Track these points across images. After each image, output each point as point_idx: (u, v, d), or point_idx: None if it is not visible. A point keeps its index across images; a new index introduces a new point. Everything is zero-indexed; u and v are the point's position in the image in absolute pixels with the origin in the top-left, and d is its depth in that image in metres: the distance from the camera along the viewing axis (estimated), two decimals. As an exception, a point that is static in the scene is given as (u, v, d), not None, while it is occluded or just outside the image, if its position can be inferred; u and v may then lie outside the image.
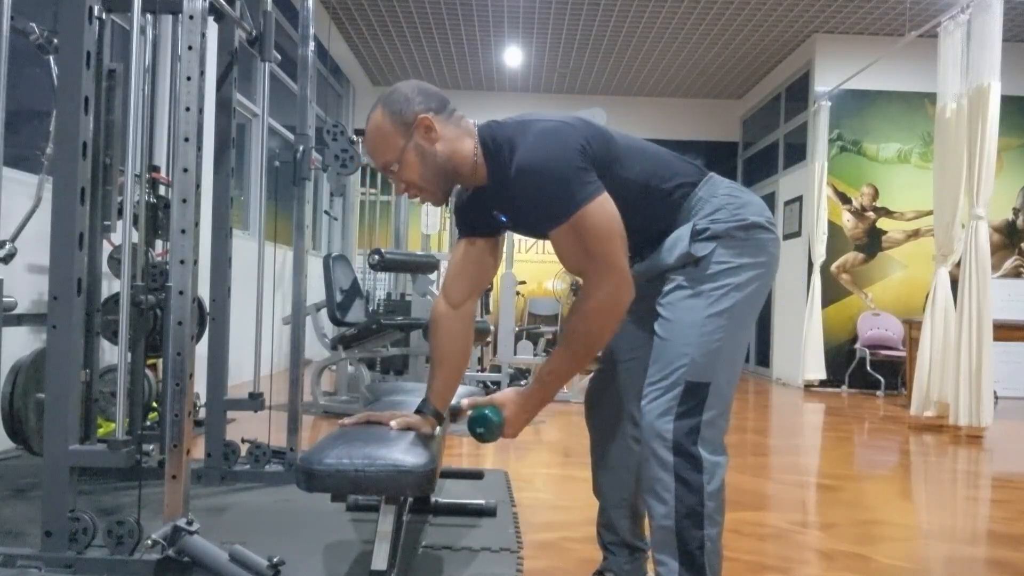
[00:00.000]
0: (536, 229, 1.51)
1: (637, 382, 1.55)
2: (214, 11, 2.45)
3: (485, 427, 1.47)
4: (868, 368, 6.62)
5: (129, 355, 2.44)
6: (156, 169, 2.71)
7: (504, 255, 5.45)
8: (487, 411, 1.47)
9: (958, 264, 4.59)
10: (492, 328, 5.43)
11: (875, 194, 6.92)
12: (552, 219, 1.36)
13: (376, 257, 4.40)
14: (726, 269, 1.42)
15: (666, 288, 1.46)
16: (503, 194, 1.45)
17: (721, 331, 1.40)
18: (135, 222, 2.50)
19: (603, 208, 1.35)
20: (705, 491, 1.37)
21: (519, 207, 1.44)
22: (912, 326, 5.35)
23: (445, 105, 1.46)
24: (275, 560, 1.65)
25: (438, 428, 1.65)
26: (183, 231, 1.85)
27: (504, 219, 1.55)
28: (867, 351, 6.63)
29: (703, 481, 1.37)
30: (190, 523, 1.73)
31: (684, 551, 1.37)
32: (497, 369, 5.20)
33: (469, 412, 1.50)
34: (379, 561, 1.57)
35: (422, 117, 1.42)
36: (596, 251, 1.35)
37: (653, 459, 1.39)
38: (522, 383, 5.21)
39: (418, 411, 1.63)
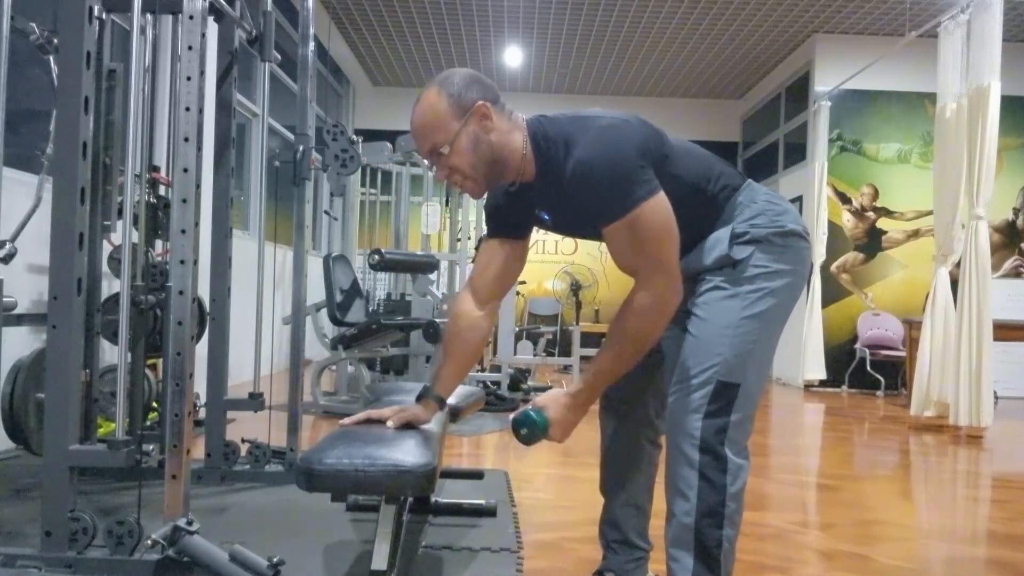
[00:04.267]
0: (585, 227, 1.50)
1: (653, 381, 1.55)
2: (214, 11, 2.45)
3: (527, 427, 1.43)
4: (868, 368, 6.62)
5: (129, 355, 2.44)
6: (156, 169, 2.71)
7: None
8: (531, 411, 1.44)
9: (958, 264, 4.59)
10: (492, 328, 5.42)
11: (875, 194, 6.92)
12: (609, 216, 1.35)
13: (376, 257, 4.39)
14: (763, 273, 1.43)
15: (702, 288, 1.46)
16: (551, 191, 1.44)
17: (755, 333, 1.41)
18: (135, 222, 2.50)
19: (659, 207, 1.34)
20: (728, 492, 1.37)
21: (573, 204, 1.41)
22: (912, 326, 5.35)
23: (498, 98, 1.45)
24: (275, 560, 1.64)
25: (438, 414, 1.64)
26: (183, 231, 1.85)
27: (547, 217, 1.54)
28: (867, 351, 6.63)
29: (727, 482, 1.37)
30: (190, 523, 1.72)
31: (701, 549, 1.37)
32: (497, 369, 5.20)
33: (512, 415, 1.48)
34: (379, 561, 1.57)
35: (480, 104, 1.39)
36: (649, 250, 1.35)
37: (679, 456, 1.39)
38: (523, 386, 5.20)
39: (420, 397, 1.62)
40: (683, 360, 1.43)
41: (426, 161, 1.48)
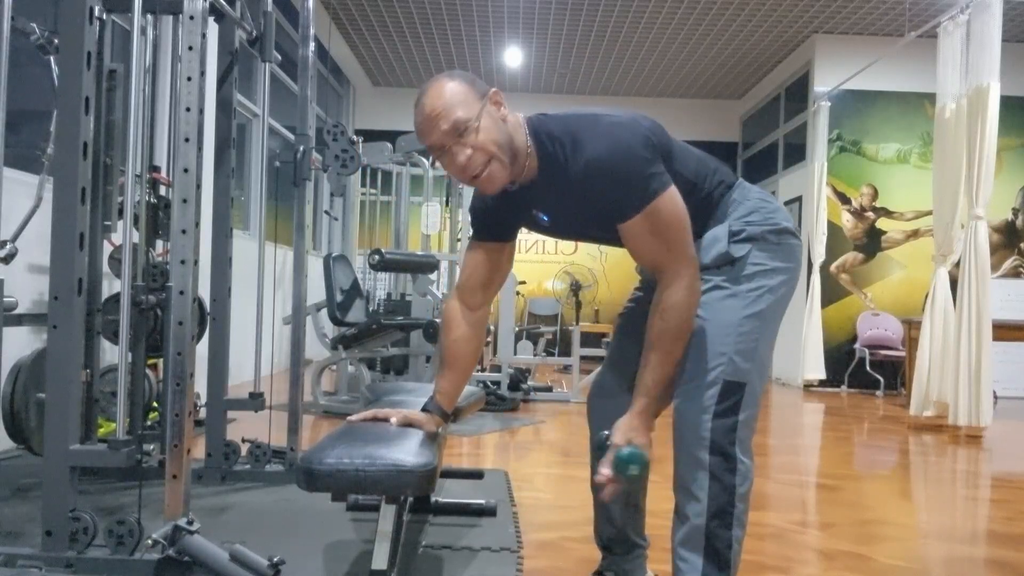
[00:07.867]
0: (588, 228, 1.51)
1: (634, 375, 1.54)
2: (214, 11, 2.45)
3: (633, 463, 1.34)
4: (868, 368, 6.62)
5: (129, 355, 2.44)
6: (156, 169, 2.71)
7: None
8: (624, 451, 1.35)
9: (958, 264, 4.59)
10: (492, 328, 5.43)
11: (875, 194, 6.92)
12: (627, 211, 1.35)
13: (376, 257, 4.40)
14: (761, 271, 1.44)
15: (702, 288, 1.45)
16: (552, 191, 1.43)
17: (756, 332, 1.42)
18: (135, 222, 2.50)
19: (674, 198, 1.36)
20: (737, 492, 1.38)
21: (580, 203, 1.41)
22: (911, 326, 5.35)
23: None
24: (275, 560, 1.65)
25: (442, 428, 1.65)
26: (183, 231, 1.85)
27: (545, 219, 1.52)
28: (866, 351, 6.63)
29: (736, 482, 1.37)
30: (190, 523, 1.73)
31: (712, 550, 1.38)
32: (497, 369, 5.20)
33: (613, 455, 1.37)
34: (379, 561, 1.57)
35: (494, 90, 1.40)
36: (671, 239, 1.36)
37: (689, 457, 1.39)
38: (523, 386, 5.20)
39: (424, 410, 1.63)
40: (687, 360, 1.43)
41: (434, 156, 1.44)
